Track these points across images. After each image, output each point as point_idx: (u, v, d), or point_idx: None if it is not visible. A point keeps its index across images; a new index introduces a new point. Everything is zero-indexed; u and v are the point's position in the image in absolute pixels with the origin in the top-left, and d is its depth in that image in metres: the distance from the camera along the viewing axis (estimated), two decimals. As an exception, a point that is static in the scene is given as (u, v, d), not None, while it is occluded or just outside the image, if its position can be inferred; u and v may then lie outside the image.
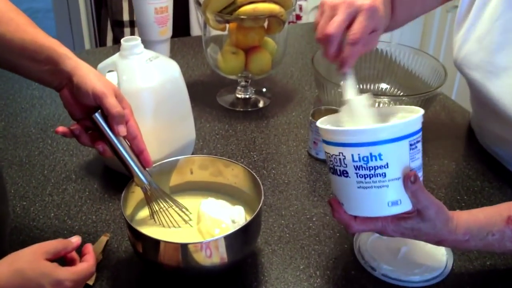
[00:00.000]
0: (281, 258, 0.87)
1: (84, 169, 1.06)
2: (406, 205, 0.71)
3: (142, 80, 0.96)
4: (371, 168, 0.68)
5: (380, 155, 0.68)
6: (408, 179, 0.69)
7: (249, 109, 1.26)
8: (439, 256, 0.86)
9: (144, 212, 0.87)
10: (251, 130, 1.19)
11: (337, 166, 0.71)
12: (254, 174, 0.85)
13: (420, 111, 0.72)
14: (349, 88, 0.77)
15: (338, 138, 0.70)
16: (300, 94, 1.33)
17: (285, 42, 1.26)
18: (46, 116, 1.23)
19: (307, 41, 1.65)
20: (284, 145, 1.14)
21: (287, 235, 0.92)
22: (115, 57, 0.98)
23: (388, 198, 0.70)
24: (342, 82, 0.78)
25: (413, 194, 0.70)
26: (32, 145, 1.13)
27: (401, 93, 1.29)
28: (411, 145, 0.69)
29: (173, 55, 1.50)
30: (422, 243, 0.80)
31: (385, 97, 1.17)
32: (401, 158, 0.69)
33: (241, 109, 1.26)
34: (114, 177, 1.02)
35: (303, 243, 0.90)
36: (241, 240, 0.79)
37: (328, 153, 0.73)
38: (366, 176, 0.69)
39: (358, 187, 0.70)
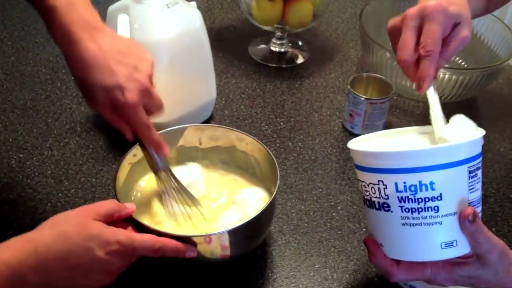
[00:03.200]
0: (294, 253, 0.76)
1: (91, 121, 0.96)
2: (463, 247, 0.57)
3: (157, 30, 0.83)
4: (420, 200, 0.54)
5: (432, 183, 0.54)
6: (466, 218, 0.55)
7: (283, 65, 1.12)
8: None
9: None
10: (281, 91, 1.05)
11: (375, 197, 0.57)
12: (272, 155, 0.72)
13: (480, 131, 0.57)
14: (437, 116, 0.62)
15: (377, 162, 0.56)
16: (343, 52, 1.17)
17: (331, -10, 1.09)
18: (60, 54, 1.10)
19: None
20: (317, 113, 1.00)
21: (306, 224, 0.80)
22: (128, -1, 0.85)
23: (441, 239, 0.56)
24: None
25: (472, 235, 0.56)
26: (39, 87, 1.03)
27: (461, 61, 1.12)
28: (470, 172, 0.55)
29: (207, -8, 1.35)
30: None
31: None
32: (458, 188, 0.55)
33: (274, 65, 1.12)
34: (122, 135, 0.91)
35: (322, 236, 0.79)
36: (248, 234, 0.68)
37: (362, 181, 0.59)
38: (413, 210, 0.55)
39: (403, 224, 0.56)
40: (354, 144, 0.62)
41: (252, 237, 0.70)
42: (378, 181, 0.56)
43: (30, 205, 0.80)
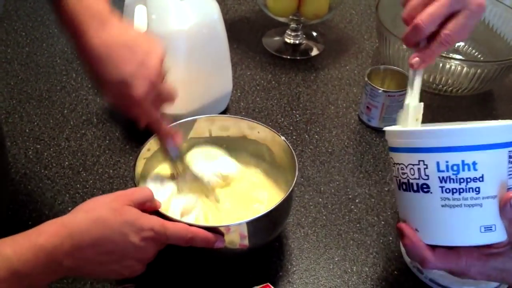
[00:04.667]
0: (313, 246, 0.76)
1: (107, 112, 0.95)
2: (501, 234, 0.56)
3: (174, 21, 0.82)
4: (461, 180, 0.54)
5: (474, 163, 0.53)
6: (507, 202, 0.54)
7: (297, 58, 1.11)
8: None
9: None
10: (296, 83, 1.05)
11: (414, 179, 0.57)
12: (290, 147, 0.72)
13: None
14: (415, 90, 0.64)
15: (419, 141, 0.56)
16: (358, 44, 1.16)
17: (347, -18, 1.09)
18: (74, 45, 1.11)
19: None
20: (333, 105, 1.00)
21: (324, 217, 0.80)
22: (146, -10, 0.84)
23: (480, 222, 0.55)
24: (409, 78, 0.65)
25: (511, 223, 0.55)
26: (55, 78, 1.03)
27: (477, 54, 1.11)
28: (510, 157, 0.55)
29: (220, -17, 1.34)
30: None
31: (456, 59, 1.00)
32: (499, 171, 0.55)
33: (288, 57, 1.11)
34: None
35: (341, 229, 0.78)
36: (265, 225, 0.68)
37: (400, 163, 0.58)
38: (454, 190, 0.54)
39: (443, 206, 0.56)
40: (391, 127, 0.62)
41: (269, 229, 0.70)
42: (419, 161, 0.56)
43: (48, 196, 0.80)
